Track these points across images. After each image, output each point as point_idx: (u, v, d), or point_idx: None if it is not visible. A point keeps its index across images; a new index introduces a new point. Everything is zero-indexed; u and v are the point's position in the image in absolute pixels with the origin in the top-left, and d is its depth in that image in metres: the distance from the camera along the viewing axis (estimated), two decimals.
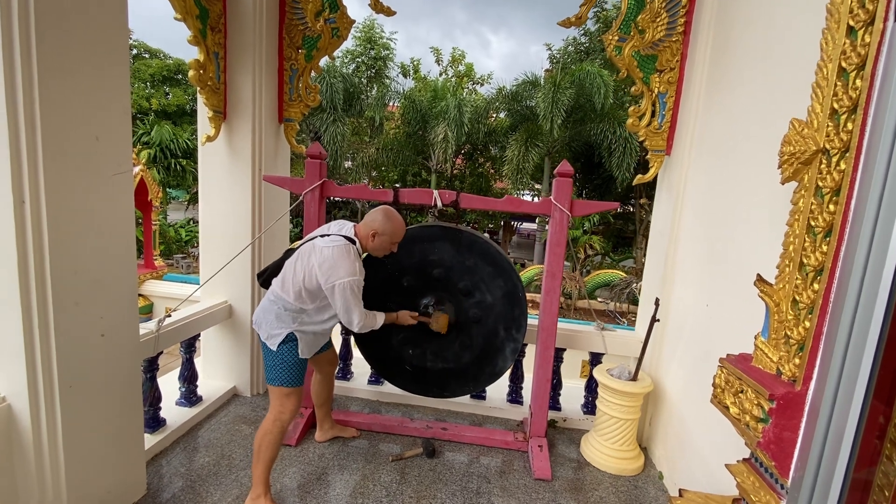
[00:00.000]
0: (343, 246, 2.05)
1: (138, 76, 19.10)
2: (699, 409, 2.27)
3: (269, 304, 2.14)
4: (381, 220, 2.16)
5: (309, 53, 3.02)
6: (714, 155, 2.37)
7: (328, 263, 2.01)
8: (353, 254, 2.07)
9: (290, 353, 2.10)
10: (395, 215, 2.20)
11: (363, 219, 2.21)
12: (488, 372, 2.67)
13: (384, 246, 2.20)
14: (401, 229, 2.21)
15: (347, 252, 2.04)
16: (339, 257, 2.02)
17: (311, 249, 2.09)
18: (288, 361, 2.10)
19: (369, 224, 2.16)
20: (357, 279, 2.04)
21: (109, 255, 1.87)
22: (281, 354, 2.09)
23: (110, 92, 1.80)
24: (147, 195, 7.37)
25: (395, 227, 2.18)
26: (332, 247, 2.04)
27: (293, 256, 2.15)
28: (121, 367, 2.02)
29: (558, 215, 2.53)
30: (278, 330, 2.08)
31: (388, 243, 2.20)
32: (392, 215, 2.19)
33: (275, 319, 2.09)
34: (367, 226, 2.16)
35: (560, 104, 13.20)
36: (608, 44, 2.75)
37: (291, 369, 2.11)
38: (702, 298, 2.32)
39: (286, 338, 2.08)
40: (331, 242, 2.06)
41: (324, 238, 2.11)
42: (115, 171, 1.84)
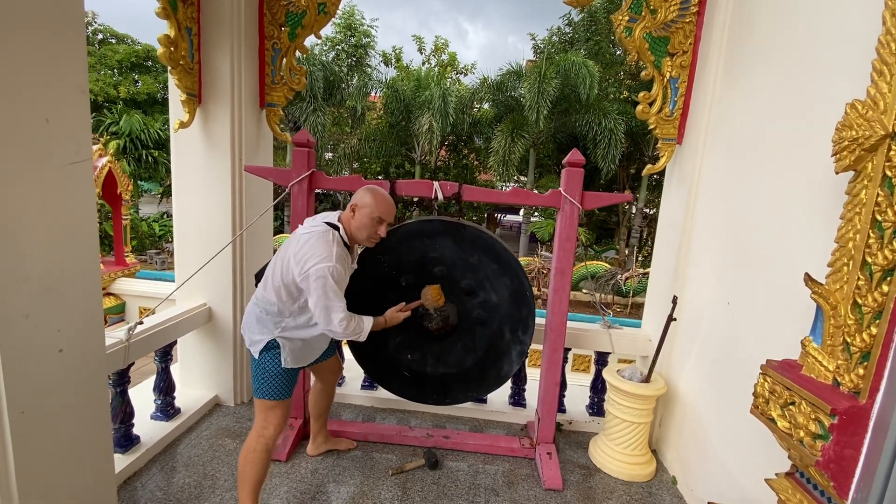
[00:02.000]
0: (322, 231, 1.82)
1: (105, 62, 18.14)
2: (719, 412, 2.15)
3: (251, 306, 1.93)
4: (361, 194, 1.92)
5: (293, 31, 2.75)
6: (734, 143, 2.22)
7: (304, 250, 1.77)
8: (335, 240, 1.82)
9: (273, 361, 1.88)
10: (377, 189, 1.95)
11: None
12: (493, 376, 2.49)
13: (365, 223, 1.89)
14: (383, 203, 1.91)
15: (326, 237, 1.80)
16: (316, 242, 1.78)
17: (290, 241, 1.88)
18: (271, 371, 1.88)
19: (352, 203, 1.93)
20: (335, 266, 1.74)
21: (66, 257, 1.61)
22: (263, 363, 1.88)
23: (63, 67, 1.53)
24: (116, 188, 6.93)
25: (375, 199, 1.89)
26: (310, 233, 1.82)
27: (279, 250, 1.94)
28: (84, 384, 1.76)
29: (568, 208, 2.36)
30: (259, 335, 1.87)
31: (368, 219, 1.88)
32: (374, 188, 1.95)
33: (256, 323, 1.88)
34: (350, 205, 1.94)
35: (546, 94, 13.07)
36: (617, 24, 2.57)
37: (275, 380, 1.89)
38: (722, 296, 2.19)
39: (268, 345, 1.86)
40: (310, 229, 1.84)
41: (303, 226, 1.91)
42: (70, 160, 1.58)
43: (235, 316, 2.86)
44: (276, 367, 1.88)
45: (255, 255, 2.96)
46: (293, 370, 1.95)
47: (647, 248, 18.49)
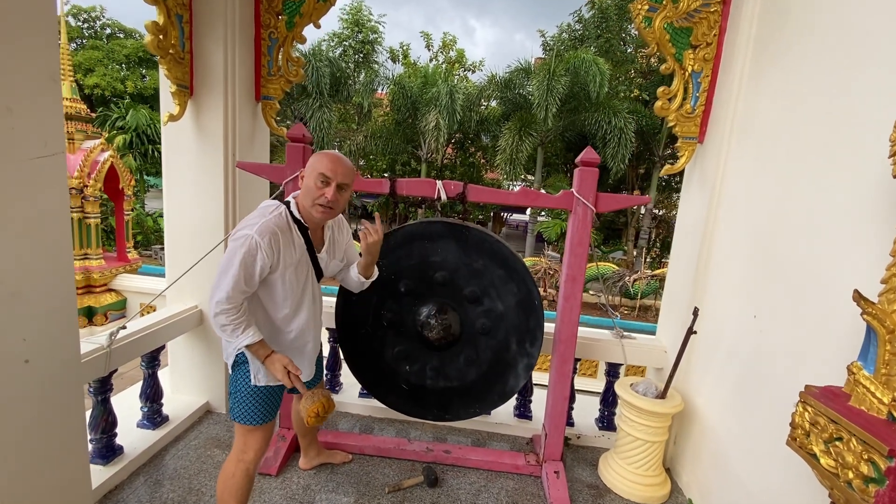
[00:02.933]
0: (264, 207, 1.61)
1: (113, 57, 18.15)
2: (744, 436, 1.98)
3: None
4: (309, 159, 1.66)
5: (291, 20, 2.60)
6: (764, 142, 2.05)
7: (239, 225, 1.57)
8: (276, 213, 1.57)
9: (243, 379, 1.68)
10: (325, 151, 1.66)
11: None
12: (497, 391, 2.34)
13: (309, 186, 1.58)
14: (325, 157, 1.59)
15: (264, 210, 1.59)
16: (254, 215, 1.57)
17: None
18: (242, 390, 1.69)
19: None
20: (255, 237, 1.47)
21: (33, 259, 1.47)
22: (235, 381, 1.71)
23: (29, 51, 1.39)
24: (118, 183, 6.85)
25: (317, 156, 1.61)
26: (257, 210, 1.62)
27: None
28: (54, 396, 1.63)
29: (581, 210, 2.19)
30: (230, 347, 1.69)
31: (311, 179, 1.58)
32: (321, 152, 1.66)
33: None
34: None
35: (555, 92, 12.85)
36: (636, 14, 2.40)
37: (248, 401, 1.68)
38: (747, 308, 2.02)
39: (237, 358, 1.69)
40: (261, 208, 1.64)
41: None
42: (37, 153, 1.44)
43: None
44: (247, 384, 1.68)
45: None
46: (269, 390, 1.71)
47: (655, 250, 18.22)
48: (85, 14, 19.33)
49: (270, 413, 1.74)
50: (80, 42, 19.00)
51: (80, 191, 6.12)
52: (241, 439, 1.73)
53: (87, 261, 6.35)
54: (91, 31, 19.59)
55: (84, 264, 6.30)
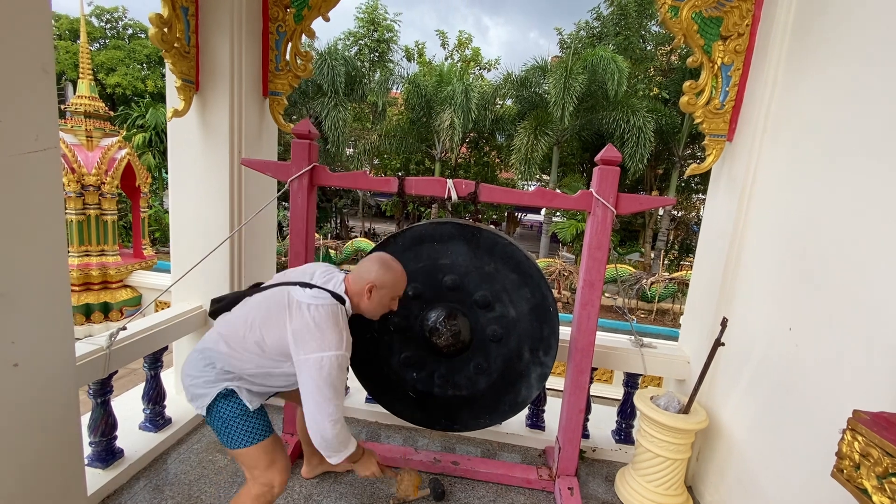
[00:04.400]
0: (330, 307, 1.55)
1: (134, 57, 18.49)
2: (776, 458, 1.82)
3: (197, 359, 1.62)
4: (379, 270, 1.65)
5: (299, 12, 2.52)
6: (801, 140, 1.89)
7: (307, 329, 1.49)
8: (342, 319, 1.58)
9: (230, 408, 1.58)
10: (395, 263, 1.71)
11: (355, 269, 1.69)
12: (508, 402, 2.22)
13: (383, 303, 1.69)
14: (403, 280, 1.72)
15: (335, 317, 1.54)
16: (324, 322, 1.50)
17: (285, 301, 1.56)
18: (236, 416, 1.58)
19: (363, 276, 1.65)
20: (343, 354, 1.51)
21: (22, 259, 1.41)
22: (221, 413, 1.58)
23: (18, 41, 1.33)
24: (135, 180, 6.91)
25: (396, 278, 1.68)
26: (315, 306, 1.54)
27: (256, 300, 1.63)
28: (47, 400, 1.57)
29: (601, 212, 2.06)
30: (204, 389, 1.58)
31: (387, 299, 1.70)
32: (391, 263, 1.70)
33: (201, 376, 1.59)
34: (361, 278, 1.65)
35: (572, 90, 12.62)
36: (661, 3, 2.25)
37: (240, 422, 1.58)
38: (781, 320, 1.86)
39: (218, 395, 1.57)
40: (314, 299, 1.55)
41: (305, 290, 1.58)
42: (27, 148, 1.38)
43: None
44: (237, 410, 1.58)
45: (254, 256, 2.76)
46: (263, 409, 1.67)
47: (673, 252, 17.83)
48: (107, 14, 19.74)
49: (265, 426, 1.65)
50: (103, 42, 19.41)
51: (98, 188, 6.19)
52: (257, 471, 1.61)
53: (103, 257, 6.42)
54: (113, 32, 20.00)
55: (101, 260, 6.37)
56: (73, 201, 5.94)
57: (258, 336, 1.55)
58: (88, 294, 6.29)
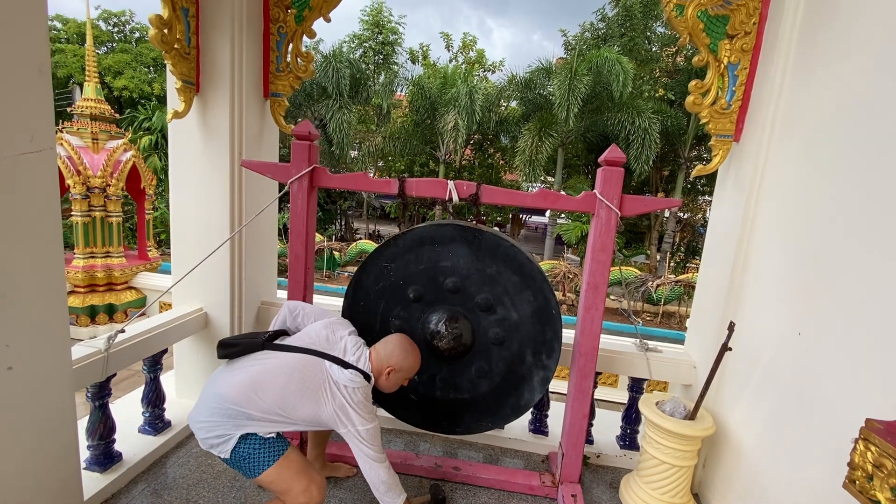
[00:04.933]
0: (365, 389, 1.75)
1: (141, 60, 18.64)
2: (783, 465, 1.77)
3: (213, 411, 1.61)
4: (400, 355, 1.83)
5: (300, 13, 2.51)
6: (812, 141, 1.84)
7: (350, 409, 1.68)
8: (370, 398, 1.80)
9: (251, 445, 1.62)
10: (414, 348, 1.88)
11: (379, 347, 1.83)
12: (511, 405, 2.19)
13: (398, 382, 1.86)
14: (418, 364, 1.90)
15: (368, 398, 1.76)
16: (363, 403, 1.72)
17: (323, 378, 1.68)
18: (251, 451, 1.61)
19: (385, 358, 1.81)
20: (378, 426, 1.76)
21: (18, 261, 1.40)
22: (238, 454, 1.61)
23: (13, 40, 1.32)
24: (140, 182, 6.95)
25: (413, 364, 1.86)
26: (353, 388, 1.70)
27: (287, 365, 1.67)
28: (42, 404, 1.56)
29: (604, 214, 2.02)
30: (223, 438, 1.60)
31: (402, 379, 1.87)
32: (410, 349, 1.87)
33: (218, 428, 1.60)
34: (383, 361, 1.81)
35: (577, 92, 12.58)
36: (666, 2, 2.21)
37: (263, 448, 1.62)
38: (791, 325, 1.81)
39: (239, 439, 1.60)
40: (351, 382, 1.71)
41: (343, 372, 1.71)
42: (22, 149, 1.36)
43: (232, 322, 2.65)
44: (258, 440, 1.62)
45: (255, 258, 2.74)
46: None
47: (679, 255, 17.70)
48: (115, 18, 19.93)
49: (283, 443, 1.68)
50: (111, 45, 19.60)
51: (103, 190, 6.22)
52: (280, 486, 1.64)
53: (108, 259, 6.45)
54: (120, 35, 20.19)
55: (106, 262, 6.40)
56: (79, 203, 5.97)
57: (288, 404, 1.63)
58: (93, 295, 6.32)
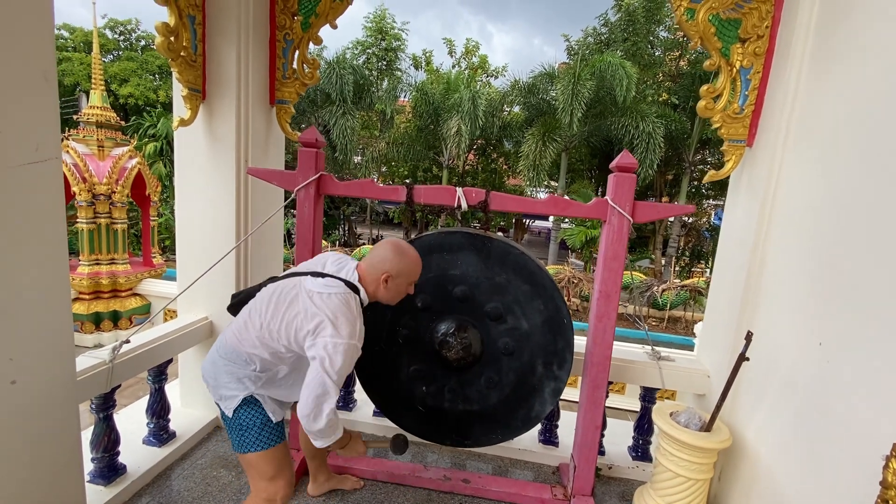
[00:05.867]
0: (343, 295, 1.50)
1: (146, 67, 18.79)
2: (806, 480, 1.72)
3: (217, 358, 1.58)
4: (394, 258, 1.60)
5: (306, 20, 2.50)
6: (828, 145, 1.80)
7: (319, 316, 1.45)
8: (356, 308, 1.53)
9: (253, 415, 1.56)
10: (409, 249, 1.67)
11: (367, 257, 1.64)
12: (521, 417, 2.15)
13: (400, 290, 1.66)
14: (418, 265, 1.68)
15: (348, 305, 1.49)
16: (337, 310, 1.46)
17: (295, 291, 1.53)
18: (248, 423, 1.56)
19: (377, 265, 1.60)
20: (355, 345, 1.47)
21: (22, 273, 1.38)
22: (240, 419, 1.56)
23: (19, 49, 1.30)
24: (145, 189, 6.96)
25: (411, 265, 1.64)
26: (327, 294, 1.49)
27: (267, 292, 1.59)
28: (46, 418, 1.53)
29: (616, 220, 1.99)
30: (232, 391, 1.55)
31: (404, 286, 1.67)
32: (405, 249, 1.65)
33: (230, 376, 1.55)
34: (375, 267, 1.59)
35: (580, 97, 12.56)
36: (677, 6, 2.18)
37: (258, 430, 1.56)
38: (810, 334, 1.77)
39: (244, 400, 1.55)
40: (325, 287, 1.50)
41: (316, 280, 1.53)
42: (27, 159, 1.34)
43: None
44: (259, 418, 1.56)
45: (261, 266, 2.71)
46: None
47: (684, 259, 17.59)
48: (121, 27, 20.12)
49: (279, 433, 1.63)
50: (117, 53, 19.77)
51: (109, 197, 6.23)
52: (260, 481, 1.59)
53: (113, 265, 6.45)
54: (126, 43, 20.37)
55: (111, 269, 6.40)
56: (84, 210, 5.98)
57: (272, 330, 1.50)
58: (98, 303, 6.32)
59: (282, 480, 1.61)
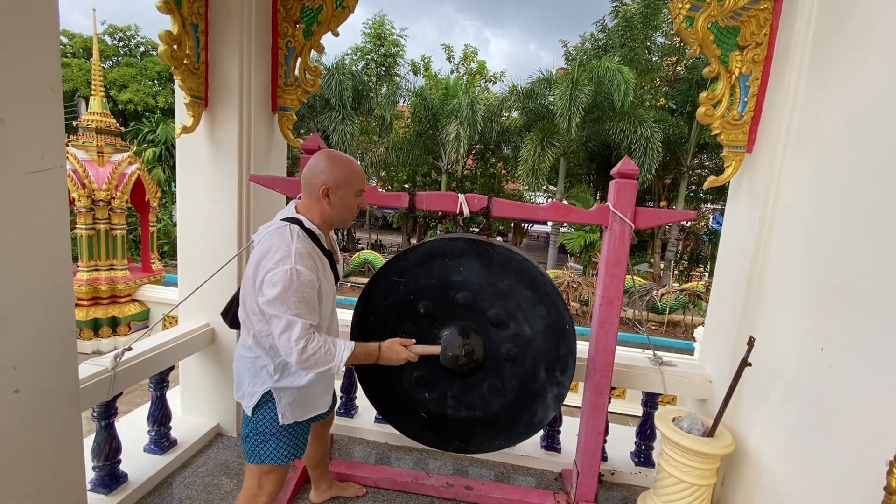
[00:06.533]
0: (275, 231, 1.43)
1: (145, 73, 18.84)
2: (809, 485, 1.72)
3: (241, 352, 1.62)
4: (326, 168, 1.46)
5: (308, 28, 2.51)
6: (829, 151, 1.82)
7: (255, 258, 1.39)
8: (295, 235, 1.42)
9: (268, 419, 1.58)
10: (340, 154, 1.53)
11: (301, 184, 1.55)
12: (524, 423, 2.14)
13: (347, 203, 1.51)
14: (357, 170, 1.52)
15: (280, 232, 1.41)
16: (268, 244, 1.39)
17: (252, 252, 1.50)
18: (267, 430, 1.58)
19: (312, 182, 1.47)
20: (295, 268, 1.33)
21: (26, 281, 1.37)
22: (257, 423, 1.58)
23: (26, 60, 1.30)
24: (144, 195, 6.96)
25: (348, 171, 1.48)
26: (261, 238, 1.45)
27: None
28: (48, 426, 1.52)
29: (618, 227, 2.00)
30: (254, 387, 1.57)
31: (350, 198, 1.51)
32: (337, 155, 1.51)
33: (250, 371, 1.58)
34: (311, 184, 1.47)
35: (578, 102, 12.64)
36: (676, 13, 2.21)
37: (273, 439, 1.58)
38: (813, 340, 1.77)
39: (262, 398, 1.56)
40: (264, 229, 1.47)
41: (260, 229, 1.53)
42: (33, 168, 1.35)
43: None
44: (273, 425, 1.58)
45: None
46: (298, 426, 1.64)
47: (682, 263, 17.63)
48: (120, 33, 20.19)
49: (298, 450, 1.64)
50: (116, 59, 19.83)
51: (108, 202, 6.22)
52: (255, 480, 1.61)
53: (112, 271, 6.43)
54: (126, 50, 20.44)
55: (109, 275, 6.38)
56: (84, 216, 5.98)
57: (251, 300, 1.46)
58: (97, 308, 6.29)
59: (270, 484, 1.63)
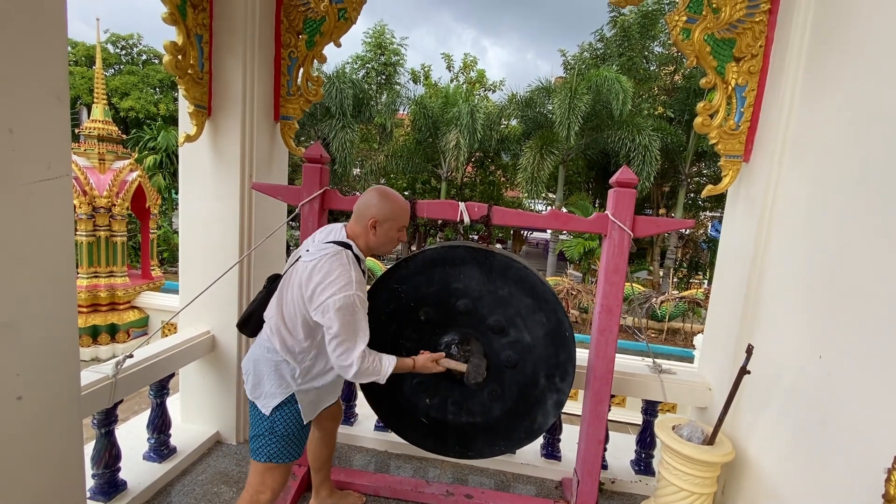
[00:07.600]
0: (332, 255, 1.54)
1: (147, 81, 18.97)
2: (809, 491, 1.72)
3: (264, 354, 1.63)
4: (378, 203, 1.63)
5: (311, 39, 2.55)
6: (825, 161, 1.85)
7: (315, 279, 1.50)
8: (351, 262, 1.56)
9: (288, 420, 1.62)
10: (394, 193, 1.70)
11: (353, 210, 1.70)
12: (524, 429, 2.14)
13: (391, 236, 1.68)
14: (405, 208, 1.71)
15: (339, 260, 1.53)
16: (330, 267, 1.50)
17: (294, 268, 1.60)
18: (282, 432, 1.61)
19: (363, 212, 1.64)
20: (356, 293, 1.50)
21: (31, 289, 1.38)
22: (275, 423, 1.61)
23: (33, 69, 1.33)
24: (145, 202, 6.98)
25: (397, 208, 1.67)
26: (317, 259, 1.53)
27: (282, 284, 1.67)
28: (50, 434, 1.52)
29: (617, 235, 2.02)
30: (277, 389, 1.60)
31: (394, 231, 1.68)
32: (389, 193, 1.68)
33: (274, 374, 1.60)
34: (362, 215, 1.64)
35: (577, 110, 12.73)
36: (673, 26, 2.25)
37: (285, 440, 1.63)
38: (812, 348, 1.78)
39: (285, 400, 1.60)
40: (315, 253, 1.56)
41: (308, 251, 1.61)
42: (40, 177, 1.36)
43: (240, 345, 2.62)
44: (293, 425, 1.62)
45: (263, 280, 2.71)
46: (305, 428, 1.69)
47: (682, 271, 17.64)
48: (123, 41, 20.36)
49: (301, 450, 1.70)
50: (118, 67, 19.97)
51: (109, 209, 6.24)
52: (259, 478, 1.64)
53: (112, 278, 6.43)
54: (128, 58, 20.60)
55: (109, 282, 6.38)
56: (84, 223, 5.99)
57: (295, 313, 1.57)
58: (96, 315, 6.28)
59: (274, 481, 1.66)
